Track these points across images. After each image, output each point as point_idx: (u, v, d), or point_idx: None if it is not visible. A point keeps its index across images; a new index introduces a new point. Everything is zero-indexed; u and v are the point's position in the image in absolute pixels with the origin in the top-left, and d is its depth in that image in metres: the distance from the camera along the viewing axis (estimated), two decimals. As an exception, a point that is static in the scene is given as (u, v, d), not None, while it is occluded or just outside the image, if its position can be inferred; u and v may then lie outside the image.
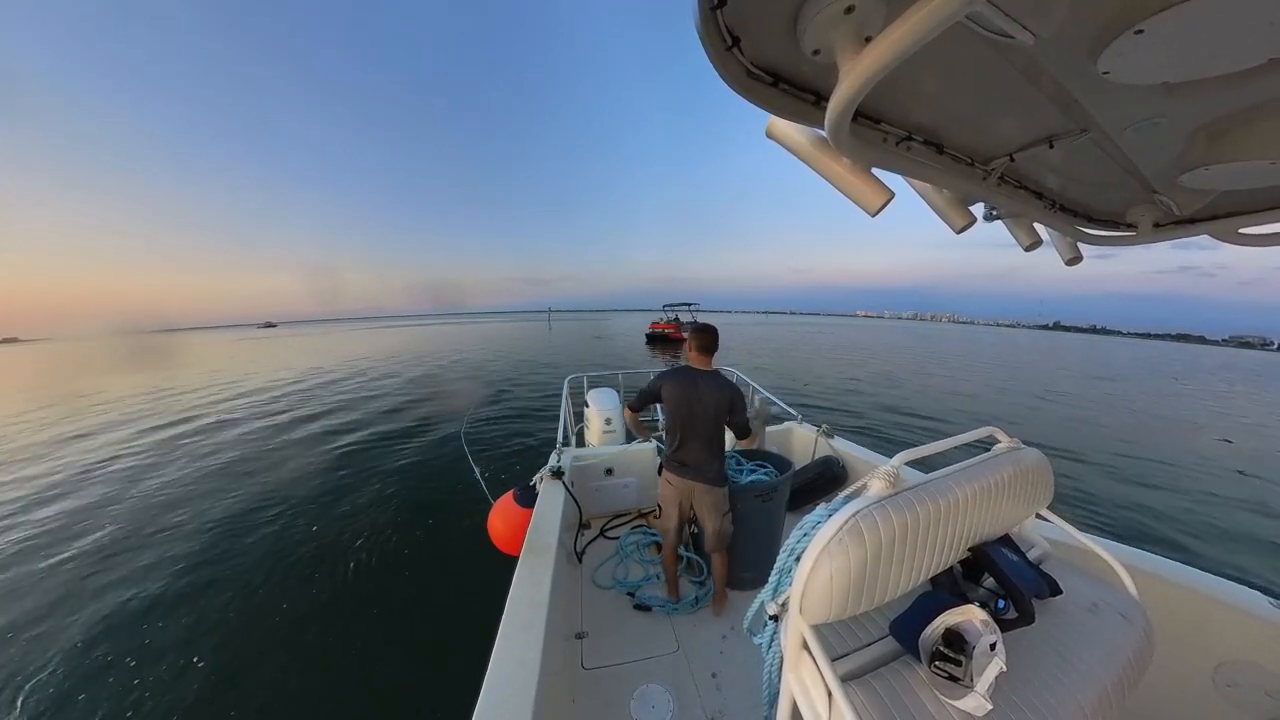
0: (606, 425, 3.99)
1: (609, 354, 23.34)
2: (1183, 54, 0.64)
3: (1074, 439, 9.48)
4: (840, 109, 0.70)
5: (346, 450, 7.62)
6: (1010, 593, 1.02)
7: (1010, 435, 1.28)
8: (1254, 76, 0.70)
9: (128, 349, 49.49)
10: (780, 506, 2.39)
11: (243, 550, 4.48)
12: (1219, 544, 5.17)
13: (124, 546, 4.65)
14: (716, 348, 2.18)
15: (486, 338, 42.29)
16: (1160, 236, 1.42)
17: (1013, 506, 1.13)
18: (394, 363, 22.03)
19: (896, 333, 75.33)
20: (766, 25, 0.72)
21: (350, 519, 5.06)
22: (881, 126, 0.98)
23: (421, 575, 4.02)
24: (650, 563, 2.64)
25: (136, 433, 9.71)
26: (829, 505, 0.97)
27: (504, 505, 2.41)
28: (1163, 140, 0.96)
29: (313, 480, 6.27)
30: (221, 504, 5.59)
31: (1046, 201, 1.37)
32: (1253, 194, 1.19)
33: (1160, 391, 19.17)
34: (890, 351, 30.56)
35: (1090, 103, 0.85)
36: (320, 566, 4.13)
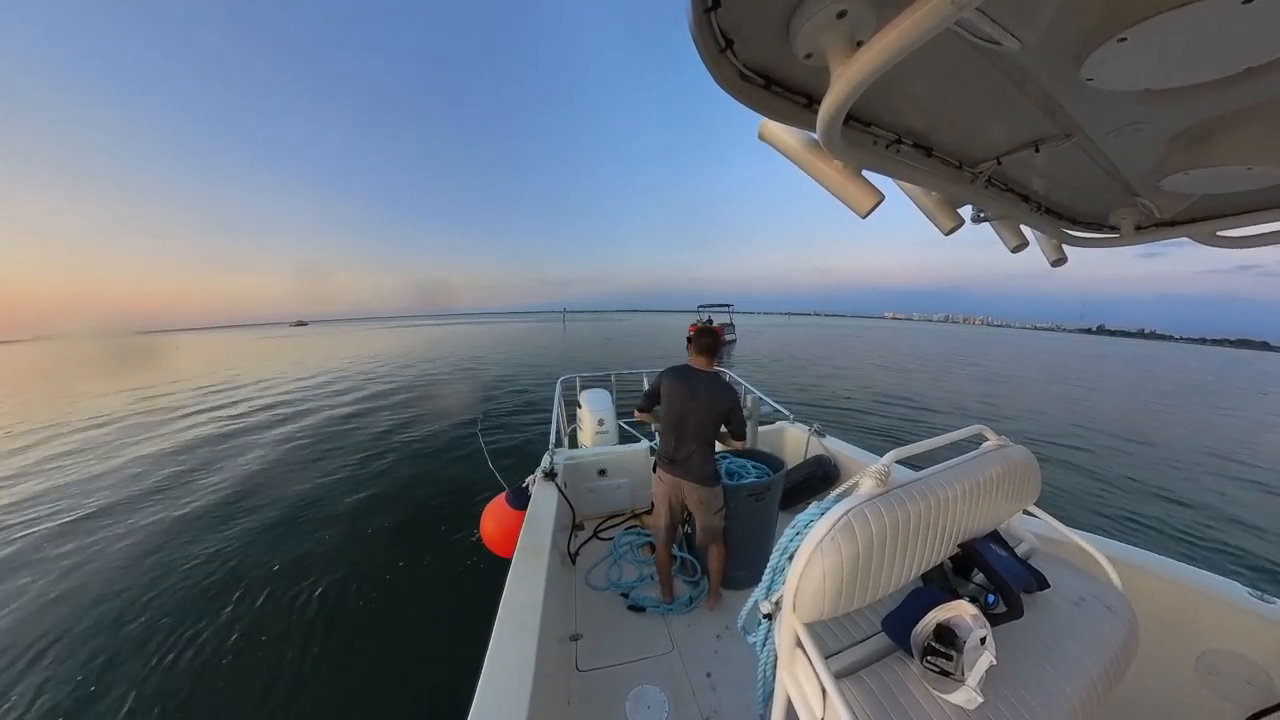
0: (599, 426, 3.98)
1: (614, 354, 23.42)
2: (1164, 62, 0.66)
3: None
4: (832, 112, 0.71)
5: (334, 440, 7.55)
6: (999, 587, 1.04)
7: (998, 434, 1.31)
8: (1232, 84, 0.72)
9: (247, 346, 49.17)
10: (773, 506, 2.40)
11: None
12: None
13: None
14: (719, 350, 2.23)
15: (503, 338, 42.22)
16: (1142, 239, 1.45)
17: (1001, 503, 1.15)
18: (430, 360, 22.63)
19: (936, 337, 67.23)
20: (759, 28, 0.72)
21: (335, 520, 5.03)
22: (872, 130, 0.99)
23: (414, 578, 3.98)
24: (644, 563, 2.64)
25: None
26: (821, 504, 0.98)
27: (496, 507, 2.39)
28: (1144, 145, 0.98)
29: (293, 485, 6.20)
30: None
31: (1032, 204, 1.40)
32: (1230, 197, 1.22)
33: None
34: (956, 356, 28.07)
35: (1075, 108, 0.87)
36: (310, 570, 4.08)
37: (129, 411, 12.36)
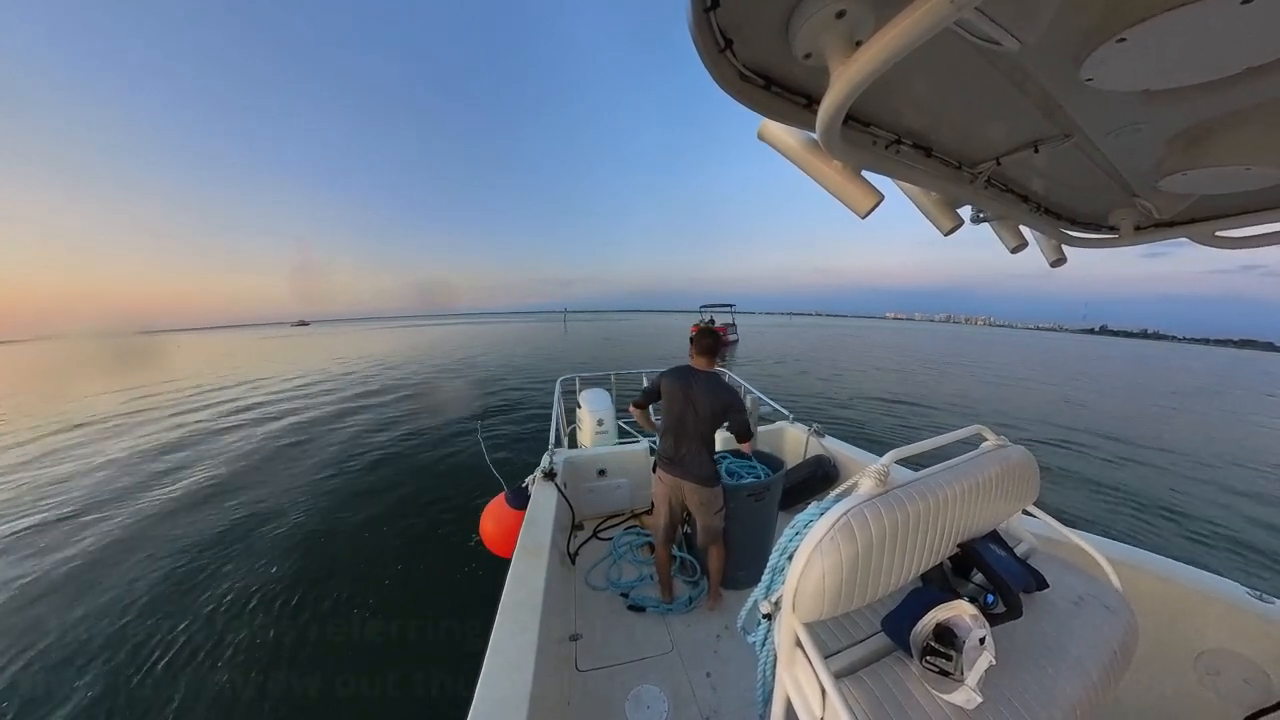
0: (599, 426, 3.98)
1: (616, 355, 23.42)
2: (1163, 62, 0.66)
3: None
4: (831, 112, 0.71)
5: (332, 448, 7.55)
6: (998, 587, 1.04)
7: (997, 433, 1.31)
8: (1231, 85, 0.72)
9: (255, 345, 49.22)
10: (772, 506, 2.40)
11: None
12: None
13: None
14: (719, 350, 2.23)
15: (504, 338, 42.14)
16: (1141, 239, 1.45)
17: (1000, 503, 1.15)
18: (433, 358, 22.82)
19: (938, 338, 65.99)
20: (759, 28, 0.72)
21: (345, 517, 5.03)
22: (871, 130, 0.99)
23: (412, 578, 3.97)
24: (643, 563, 2.64)
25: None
26: (820, 504, 0.98)
27: (496, 507, 2.39)
28: (1143, 146, 0.98)
29: (293, 485, 6.19)
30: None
31: (1032, 204, 1.40)
32: (1229, 198, 1.22)
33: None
34: (960, 358, 27.18)
35: (1074, 108, 0.87)
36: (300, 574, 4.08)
37: (129, 410, 12.36)
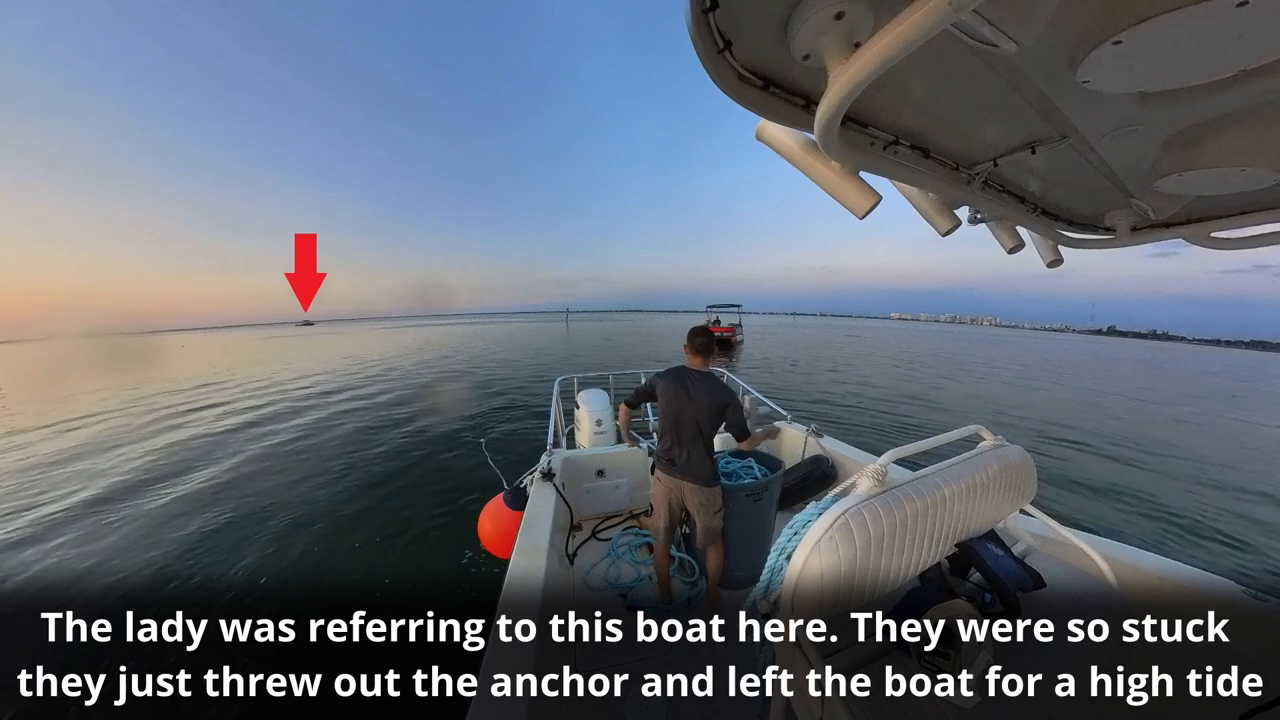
0: (597, 426, 3.97)
1: (617, 355, 23.43)
2: (1158, 65, 0.66)
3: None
4: (829, 113, 0.71)
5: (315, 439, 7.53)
6: (996, 586, 1.04)
7: (995, 433, 1.31)
8: (1225, 87, 0.73)
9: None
10: (771, 506, 2.40)
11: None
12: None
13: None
14: (713, 350, 2.22)
15: (505, 338, 41.96)
16: (1137, 240, 1.46)
17: (998, 502, 1.16)
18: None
19: (944, 338, 64.44)
20: (758, 29, 0.73)
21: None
22: (870, 131, 0.99)
23: (411, 578, 3.96)
24: (642, 564, 2.64)
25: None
26: (819, 504, 0.98)
27: (494, 508, 2.39)
28: (1139, 147, 0.99)
29: (291, 485, 6.17)
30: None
31: (1029, 205, 1.40)
32: (1224, 199, 1.23)
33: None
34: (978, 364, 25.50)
35: (1071, 110, 0.88)
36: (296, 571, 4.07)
37: (134, 409, 12.29)
